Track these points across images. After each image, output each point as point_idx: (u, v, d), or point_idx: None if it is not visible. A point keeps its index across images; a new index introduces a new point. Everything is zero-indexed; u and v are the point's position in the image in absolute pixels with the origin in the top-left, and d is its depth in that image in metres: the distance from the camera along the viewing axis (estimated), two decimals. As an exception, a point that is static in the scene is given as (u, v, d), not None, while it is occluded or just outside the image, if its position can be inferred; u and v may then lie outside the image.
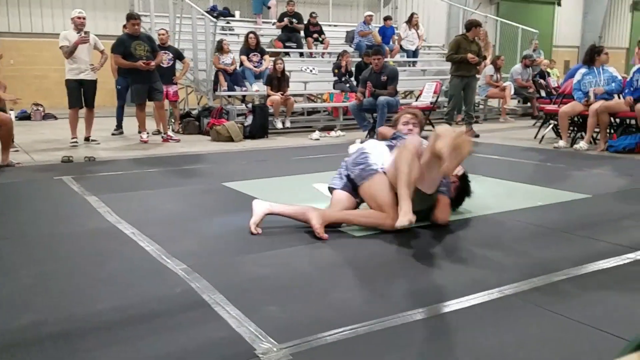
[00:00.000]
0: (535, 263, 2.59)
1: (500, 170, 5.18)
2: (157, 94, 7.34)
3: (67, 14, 7.75)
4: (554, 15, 20.45)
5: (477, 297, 2.17)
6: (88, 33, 7.00)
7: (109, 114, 8.95)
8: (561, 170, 5.23)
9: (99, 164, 5.74)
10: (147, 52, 7.16)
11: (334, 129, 8.65)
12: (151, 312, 2.07)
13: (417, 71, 11.84)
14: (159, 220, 3.45)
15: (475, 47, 7.88)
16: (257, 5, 12.49)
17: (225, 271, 2.51)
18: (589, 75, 6.72)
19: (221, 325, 1.94)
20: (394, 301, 2.15)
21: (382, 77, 7.73)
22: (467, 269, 2.58)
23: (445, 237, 3.05)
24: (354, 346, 1.80)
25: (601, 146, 6.48)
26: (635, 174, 4.95)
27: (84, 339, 1.86)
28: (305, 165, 5.54)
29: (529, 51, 11.64)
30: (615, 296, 2.21)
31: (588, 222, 3.37)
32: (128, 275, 2.47)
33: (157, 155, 6.33)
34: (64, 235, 3.13)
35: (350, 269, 2.57)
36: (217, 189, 4.41)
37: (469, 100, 8.16)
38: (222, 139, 7.65)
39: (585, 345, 1.80)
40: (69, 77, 7.03)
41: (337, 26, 13.49)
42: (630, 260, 2.62)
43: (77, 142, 7.07)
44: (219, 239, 3.05)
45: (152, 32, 9.71)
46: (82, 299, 2.20)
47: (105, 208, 3.72)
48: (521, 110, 11.57)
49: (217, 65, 8.84)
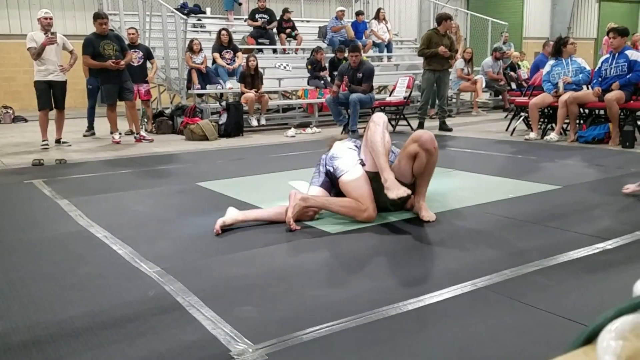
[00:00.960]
0: (507, 255, 2.63)
1: (473, 164, 5.24)
2: (128, 93, 7.25)
3: (35, 14, 7.59)
4: (524, 8, 20.73)
5: (450, 291, 2.20)
6: (55, 34, 6.87)
7: (80, 115, 8.82)
8: (532, 162, 5.31)
9: (70, 166, 5.65)
10: (116, 52, 7.07)
11: (310, 126, 8.65)
12: (124, 316, 2.04)
13: (390, 66, 11.89)
14: (132, 222, 3.41)
15: (447, 40, 7.95)
16: (228, 2, 12.40)
17: (200, 273, 2.49)
18: (558, 66, 6.83)
19: (196, 328, 1.93)
20: (368, 297, 2.16)
21: (358, 74, 7.75)
22: (440, 262, 2.61)
23: (418, 231, 3.08)
24: (330, 344, 1.80)
25: (571, 137, 6.59)
26: (604, 164, 5.05)
27: (56, 345, 1.83)
28: (282, 163, 5.53)
29: (499, 44, 11.77)
30: (585, 286, 2.26)
31: (559, 213, 3.43)
32: (100, 279, 2.44)
33: (130, 156, 6.26)
34: (34, 240, 3.07)
35: (326, 266, 2.57)
36: (191, 189, 4.38)
37: (441, 94, 8.24)
38: (196, 138, 7.59)
39: (556, 335, 1.84)
40: (38, 79, 6.91)
41: (310, 22, 13.47)
42: (600, 250, 2.68)
43: (48, 144, 6.95)
44: (194, 240, 3.03)
45: (122, 31, 9.59)
46: (53, 305, 2.16)
47: (77, 211, 3.66)
48: (493, 103, 11.71)
49: (189, 63, 8.76)
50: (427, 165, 3.14)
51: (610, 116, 6.25)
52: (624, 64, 6.17)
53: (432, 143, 3.10)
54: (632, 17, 22.56)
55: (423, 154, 3.09)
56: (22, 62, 12.21)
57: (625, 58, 6.18)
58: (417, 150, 3.10)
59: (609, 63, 6.37)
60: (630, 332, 0.48)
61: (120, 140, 7.31)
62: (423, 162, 3.12)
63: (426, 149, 3.08)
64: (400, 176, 3.15)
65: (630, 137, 5.97)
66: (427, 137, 3.10)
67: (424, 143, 3.08)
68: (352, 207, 3.18)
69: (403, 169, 3.19)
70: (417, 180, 3.23)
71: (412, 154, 3.13)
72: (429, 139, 3.09)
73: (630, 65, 6.15)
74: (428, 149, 3.08)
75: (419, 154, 3.10)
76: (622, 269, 2.44)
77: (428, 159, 3.11)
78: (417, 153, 3.11)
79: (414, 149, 3.12)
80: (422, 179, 3.23)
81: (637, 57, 6.16)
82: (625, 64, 6.17)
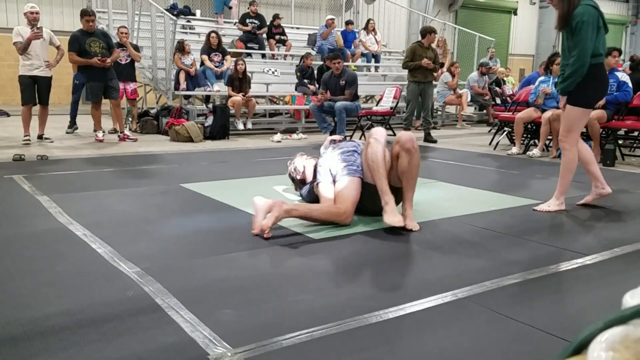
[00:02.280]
0: (487, 267, 2.65)
1: (456, 176, 5.27)
2: (113, 92, 7.19)
3: (21, 8, 7.51)
4: (511, 24, 21.00)
5: (431, 300, 2.20)
6: (41, 28, 6.80)
7: (64, 112, 8.72)
8: (514, 176, 5.36)
9: (51, 162, 5.58)
10: (103, 49, 7.01)
11: (296, 132, 8.65)
12: (101, 316, 2.01)
13: (377, 76, 11.96)
14: (112, 221, 3.37)
15: (431, 53, 8.06)
16: (219, 5, 12.38)
17: (181, 274, 2.47)
18: (545, 83, 6.94)
19: (174, 330, 1.91)
20: (349, 304, 2.15)
21: (341, 81, 7.78)
22: (421, 272, 2.62)
23: (401, 240, 3.09)
24: (310, 350, 1.80)
25: (553, 153, 6.68)
26: (585, 180, 5.11)
27: (31, 343, 1.80)
28: (266, 167, 5.51)
29: (486, 59, 11.91)
30: (564, 300, 2.28)
31: (539, 227, 3.47)
32: (78, 278, 2.40)
33: (113, 155, 6.20)
34: (11, 236, 3.02)
35: (308, 272, 2.57)
36: (174, 190, 4.35)
37: (425, 106, 8.33)
38: (181, 139, 7.55)
39: (534, 347, 1.85)
40: (23, 73, 6.83)
41: (300, 29, 13.50)
42: (579, 265, 2.71)
43: (30, 140, 6.86)
44: (175, 241, 3.00)
45: (110, 29, 9.52)
46: (29, 302, 2.13)
47: (57, 208, 3.61)
48: (477, 117, 11.83)
49: (178, 64, 8.72)
50: (409, 165, 3.20)
51: (591, 134, 6.36)
52: (614, 84, 6.33)
53: (411, 142, 3.19)
54: (616, 37, 22.96)
55: (403, 154, 3.19)
56: (7, 56, 12.06)
57: (615, 79, 6.32)
58: (398, 151, 3.22)
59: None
60: (620, 343, 0.48)
61: (103, 139, 7.24)
62: (405, 162, 3.20)
63: (406, 148, 3.18)
64: (391, 180, 3.27)
65: (611, 155, 6.07)
66: (406, 137, 3.22)
67: (404, 143, 3.19)
68: (332, 212, 3.26)
69: (393, 173, 3.29)
70: (403, 183, 3.28)
71: (395, 155, 3.25)
72: (408, 139, 3.20)
73: (619, 85, 6.31)
74: (408, 148, 3.18)
75: (400, 155, 3.21)
76: (600, 285, 2.47)
77: (409, 159, 3.19)
78: (398, 154, 3.22)
79: (396, 150, 3.24)
80: (407, 182, 3.27)
81: (626, 78, 6.35)
82: (614, 84, 6.32)
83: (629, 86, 6.30)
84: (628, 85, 6.30)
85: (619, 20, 23.52)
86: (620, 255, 2.87)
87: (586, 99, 3.66)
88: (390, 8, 14.03)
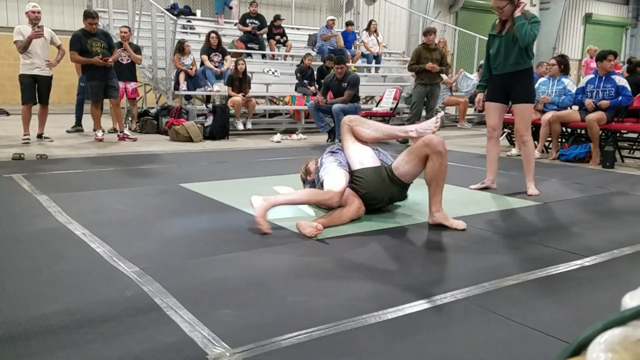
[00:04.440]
0: (486, 268, 2.65)
1: (455, 177, 5.27)
2: (113, 91, 7.20)
3: (22, 7, 7.51)
4: (511, 26, 20.96)
5: (430, 301, 2.20)
6: (42, 27, 6.80)
7: (64, 111, 8.72)
8: (513, 177, 5.36)
9: (51, 162, 5.58)
10: (104, 49, 7.02)
11: (296, 132, 8.65)
12: (100, 316, 2.01)
13: (377, 77, 11.96)
14: (111, 221, 3.37)
15: (438, 54, 8.03)
16: (219, 5, 12.38)
17: (179, 274, 2.47)
18: (544, 85, 6.94)
19: (173, 330, 1.91)
20: (348, 305, 2.15)
21: (343, 84, 7.77)
22: (420, 272, 2.62)
23: (397, 242, 3.09)
24: (308, 350, 1.80)
25: (553, 155, 6.68)
26: (584, 183, 5.12)
27: (29, 342, 1.80)
28: (266, 168, 5.51)
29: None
30: (562, 301, 2.28)
31: (538, 228, 3.47)
32: (77, 277, 2.40)
33: (113, 154, 6.20)
34: (10, 235, 3.02)
35: (306, 272, 2.57)
36: (174, 189, 4.34)
37: (430, 107, 8.31)
38: (181, 139, 7.54)
39: (533, 348, 1.85)
40: (23, 72, 6.83)
41: (300, 29, 13.50)
42: (578, 266, 2.71)
43: (30, 139, 6.86)
44: (174, 241, 3.00)
45: (111, 29, 9.53)
46: (28, 301, 2.13)
47: (56, 208, 3.61)
48: (477, 119, 11.83)
49: (177, 65, 8.72)
50: (440, 168, 3.30)
51: (590, 136, 6.36)
52: (612, 89, 6.32)
53: (442, 145, 3.31)
54: (616, 40, 23.00)
55: (434, 156, 3.28)
56: (7, 55, 12.05)
57: (612, 83, 6.32)
58: (427, 153, 3.30)
59: (595, 85, 6.50)
60: (619, 344, 0.48)
61: (102, 138, 7.24)
62: (436, 164, 3.28)
63: (438, 151, 3.28)
64: (402, 176, 3.42)
65: (611, 157, 6.07)
66: (437, 140, 3.31)
67: (435, 146, 3.29)
68: (321, 195, 3.37)
69: (409, 170, 3.41)
70: (432, 186, 3.36)
71: (423, 157, 3.32)
72: (440, 142, 3.31)
73: (617, 90, 6.31)
74: (439, 151, 3.28)
75: (430, 157, 3.29)
76: (598, 286, 2.47)
77: (440, 161, 3.28)
78: (428, 156, 3.30)
79: (424, 152, 3.31)
80: (436, 183, 3.35)
81: (624, 82, 6.34)
82: (612, 89, 6.32)
83: (628, 90, 6.30)
84: (627, 89, 6.30)
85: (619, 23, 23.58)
86: (619, 257, 2.87)
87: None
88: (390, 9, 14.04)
